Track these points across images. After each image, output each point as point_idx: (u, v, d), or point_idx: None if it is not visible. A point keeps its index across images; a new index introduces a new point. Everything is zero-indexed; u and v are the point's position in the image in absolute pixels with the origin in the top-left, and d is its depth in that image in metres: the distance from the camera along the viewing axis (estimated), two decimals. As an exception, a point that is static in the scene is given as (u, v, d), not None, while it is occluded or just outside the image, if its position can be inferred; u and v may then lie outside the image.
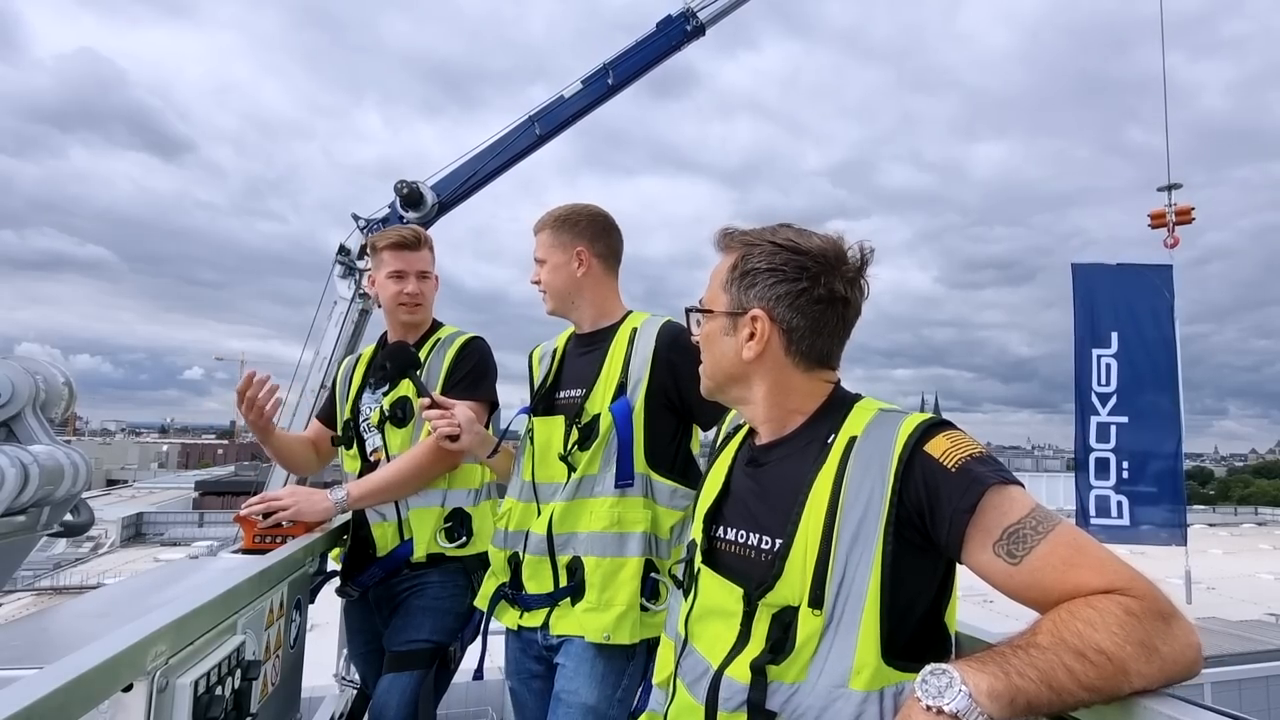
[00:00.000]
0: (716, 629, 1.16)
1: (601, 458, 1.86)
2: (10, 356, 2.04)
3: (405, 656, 2.23)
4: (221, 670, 1.38)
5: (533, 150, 9.84)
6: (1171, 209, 9.63)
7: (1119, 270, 7.27)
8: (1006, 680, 0.87)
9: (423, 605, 2.28)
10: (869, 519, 1.05)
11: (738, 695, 1.09)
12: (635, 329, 1.94)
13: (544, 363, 2.13)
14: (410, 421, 2.34)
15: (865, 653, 1.01)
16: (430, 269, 2.45)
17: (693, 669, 1.18)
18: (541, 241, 2.01)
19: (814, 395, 1.23)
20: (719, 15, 9.83)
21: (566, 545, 1.87)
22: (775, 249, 1.21)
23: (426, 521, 2.29)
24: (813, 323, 1.20)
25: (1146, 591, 0.94)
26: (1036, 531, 0.99)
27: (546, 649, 1.90)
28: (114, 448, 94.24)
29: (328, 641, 3.03)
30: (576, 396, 1.96)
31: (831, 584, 1.05)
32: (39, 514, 2.00)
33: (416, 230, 2.47)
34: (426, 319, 2.49)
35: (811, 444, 1.18)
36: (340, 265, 8.84)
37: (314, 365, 8.52)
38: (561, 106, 9.69)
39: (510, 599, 1.98)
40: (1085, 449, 7.22)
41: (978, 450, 1.06)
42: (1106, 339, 7.07)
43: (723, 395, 1.32)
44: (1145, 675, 0.89)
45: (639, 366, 1.88)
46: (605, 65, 9.65)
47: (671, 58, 9.91)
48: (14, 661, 1.19)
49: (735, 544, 1.22)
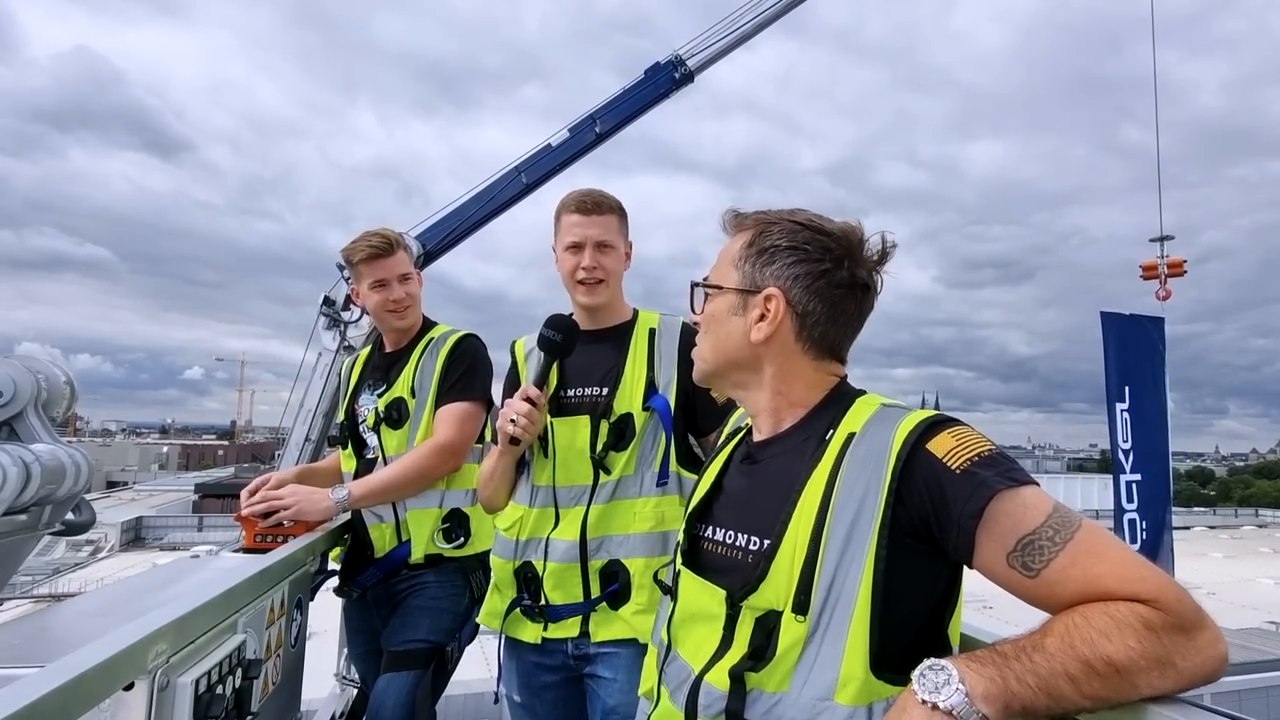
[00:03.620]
0: (701, 633, 1.10)
1: (638, 457, 1.81)
2: (12, 356, 2.04)
3: (403, 656, 2.22)
4: (222, 669, 1.38)
5: (520, 199, 9.79)
6: (1163, 261, 9.61)
7: (1132, 320, 7.04)
8: (1003, 685, 0.84)
9: (420, 605, 2.27)
10: (862, 521, 0.98)
11: (717, 703, 1.03)
12: (654, 328, 1.91)
13: (532, 359, 2.01)
14: (405, 423, 2.33)
15: (852, 664, 0.95)
16: (409, 269, 2.41)
17: (676, 675, 1.13)
18: (609, 226, 1.88)
19: (817, 388, 1.16)
20: (708, 63, 9.79)
21: (601, 549, 1.79)
22: (797, 227, 1.14)
23: (424, 523, 2.28)
24: (830, 308, 1.12)
25: (1173, 602, 0.87)
26: (1054, 541, 0.92)
27: (576, 658, 1.83)
28: (114, 449, 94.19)
29: (328, 650, 3.03)
30: (595, 395, 1.88)
31: (819, 589, 0.98)
32: (40, 513, 2.01)
33: (386, 235, 2.38)
34: (417, 319, 2.47)
35: (809, 440, 1.11)
36: (325, 317, 8.72)
37: (299, 417, 8.40)
38: (549, 156, 9.66)
39: (531, 612, 1.85)
40: (1120, 510, 6.86)
41: (986, 449, 0.98)
42: (1122, 392, 6.86)
43: (720, 380, 1.24)
44: (1157, 688, 0.85)
45: (668, 366, 1.84)
46: (592, 114, 9.63)
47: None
48: (15, 661, 1.19)
49: (721, 544, 1.15)
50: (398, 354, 2.46)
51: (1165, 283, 9.44)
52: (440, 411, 2.31)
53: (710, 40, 9.71)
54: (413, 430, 2.32)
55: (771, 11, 9.39)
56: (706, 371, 1.24)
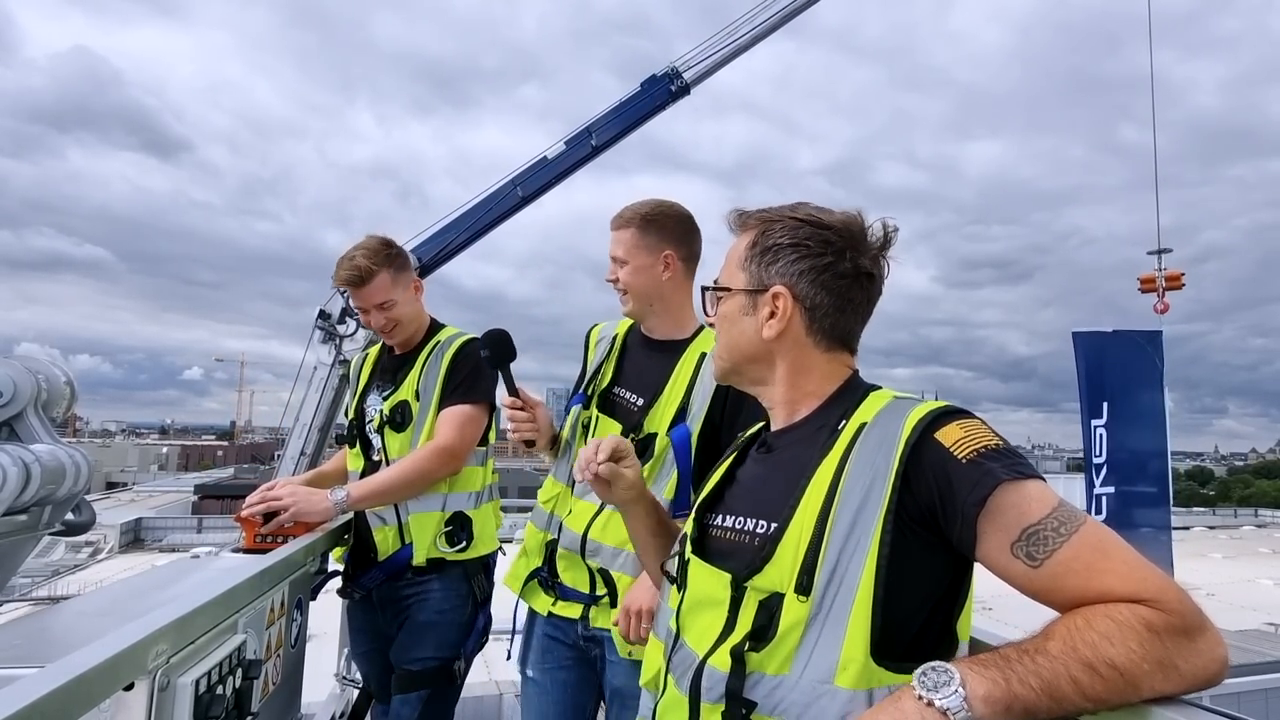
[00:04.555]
0: (706, 619, 1.11)
1: (651, 481, 1.82)
2: (11, 356, 2.04)
3: (414, 677, 2.26)
4: (222, 669, 1.38)
5: (515, 211, 9.76)
6: (1161, 274, 9.63)
7: (1114, 337, 7.15)
8: (1006, 687, 0.84)
9: (426, 620, 2.29)
10: (868, 506, 1.00)
11: (719, 685, 1.04)
12: (705, 354, 1.89)
13: (600, 347, 2.09)
14: (409, 426, 2.33)
15: (853, 647, 0.95)
16: (388, 295, 2.34)
17: (682, 662, 1.14)
18: (623, 240, 1.91)
19: (831, 378, 1.19)
20: (704, 75, 9.77)
21: (596, 554, 1.86)
22: (797, 224, 1.17)
23: (427, 526, 2.29)
24: (837, 299, 1.16)
25: (1175, 603, 0.87)
26: (1059, 533, 0.93)
27: (585, 639, 1.89)
28: (113, 450, 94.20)
29: (327, 651, 3.03)
30: (635, 404, 1.93)
31: (822, 572, 0.99)
32: (40, 513, 2.01)
33: (357, 266, 2.31)
34: (412, 334, 2.46)
35: (822, 429, 1.13)
36: (320, 331, 8.66)
37: (294, 431, 8.34)
38: (544, 169, 9.63)
39: (546, 584, 1.95)
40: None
41: (994, 441, 0.99)
42: (1099, 408, 6.99)
43: (738, 377, 1.27)
44: (1159, 691, 0.86)
45: (701, 396, 1.84)
46: (588, 127, 9.61)
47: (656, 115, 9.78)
48: (15, 661, 1.19)
49: (730, 530, 1.18)
50: (405, 357, 2.47)
51: (1163, 295, 9.48)
52: (442, 414, 2.32)
53: (707, 52, 9.70)
54: (416, 434, 2.33)
55: (770, 24, 9.37)
56: (725, 370, 1.28)
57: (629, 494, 1.39)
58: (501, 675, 4.04)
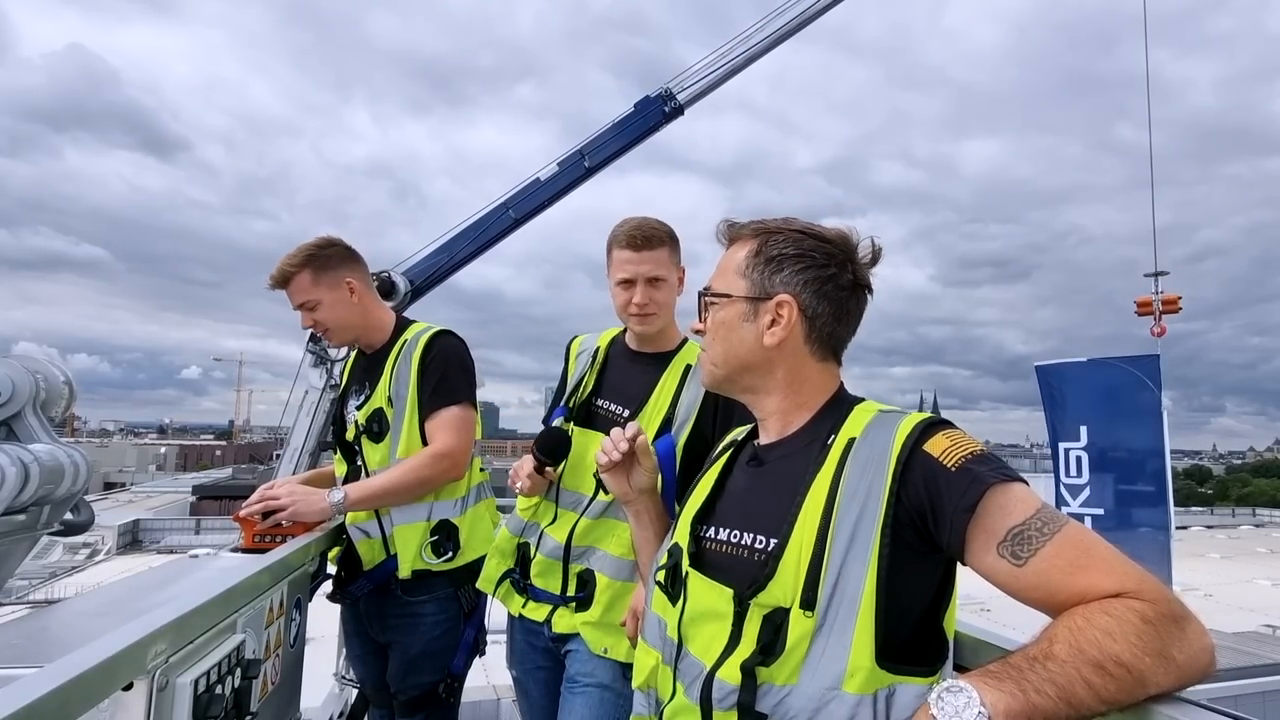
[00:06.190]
0: (710, 631, 1.13)
1: None
2: (9, 356, 2.04)
3: (415, 702, 2.28)
4: (221, 669, 1.38)
5: (508, 234, 9.80)
6: (1158, 297, 9.63)
7: (1090, 365, 7.28)
8: (1024, 699, 0.84)
9: (422, 651, 2.26)
10: (865, 520, 1.03)
11: (730, 696, 1.07)
12: (690, 365, 1.91)
13: (582, 360, 2.09)
14: (386, 435, 2.27)
15: (860, 656, 0.98)
16: (308, 295, 2.27)
17: (689, 670, 1.16)
18: (660, 259, 1.89)
19: (823, 389, 1.22)
20: (698, 96, 9.82)
21: (583, 557, 1.90)
22: (800, 235, 1.20)
23: (411, 539, 2.23)
24: (836, 309, 1.19)
25: (1158, 594, 0.91)
26: (1042, 532, 0.96)
27: (552, 641, 1.94)
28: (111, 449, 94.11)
29: (326, 652, 3.02)
30: (619, 414, 1.93)
31: (825, 586, 1.02)
32: (39, 513, 2.00)
33: (278, 267, 2.27)
34: (361, 334, 2.39)
35: (812, 444, 1.16)
36: (311, 355, 8.62)
37: (284, 456, 8.30)
38: (537, 190, 9.65)
39: (518, 586, 2.00)
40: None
41: (978, 449, 1.04)
42: (1075, 433, 7.11)
43: (730, 385, 1.28)
44: (1162, 685, 0.87)
45: (688, 406, 1.86)
46: (580, 149, 9.63)
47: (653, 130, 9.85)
48: (14, 661, 1.19)
49: (726, 544, 1.19)
50: (375, 358, 2.40)
51: (1160, 319, 9.51)
52: (433, 421, 2.24)
53: (702, 74, 9.72)
54: (393, 443, 2.26)
55: (765, 44, 9.38)
56: (718, 377, 1.29)
57: (648, 480, 1.43)
58: (500, 680, 4.03)
